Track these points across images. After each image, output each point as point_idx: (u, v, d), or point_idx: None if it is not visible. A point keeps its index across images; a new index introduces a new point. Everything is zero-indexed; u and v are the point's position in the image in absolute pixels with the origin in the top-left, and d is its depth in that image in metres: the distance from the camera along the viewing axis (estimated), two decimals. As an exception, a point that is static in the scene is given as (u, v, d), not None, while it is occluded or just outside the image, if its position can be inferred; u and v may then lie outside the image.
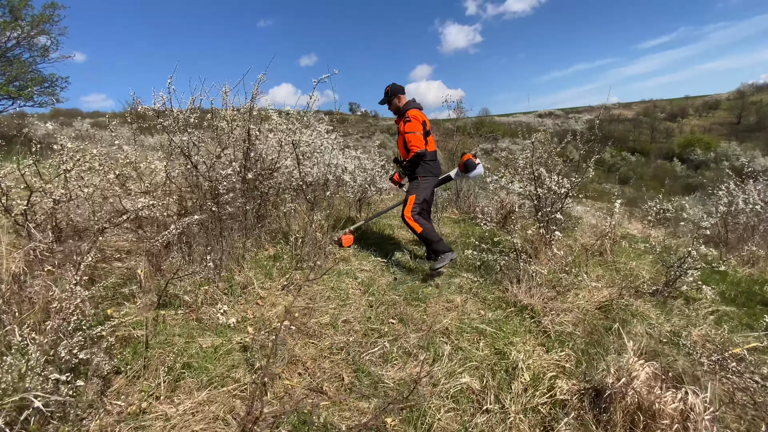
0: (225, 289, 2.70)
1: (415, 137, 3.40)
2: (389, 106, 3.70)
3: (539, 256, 3.97)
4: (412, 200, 3.55)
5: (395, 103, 3.64)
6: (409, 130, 3.40)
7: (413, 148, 3.40)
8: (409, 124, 3.41)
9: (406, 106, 3.56)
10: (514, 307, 2.86)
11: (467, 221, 5.82)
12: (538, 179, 4.04)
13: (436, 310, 2.78)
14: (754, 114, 53.14)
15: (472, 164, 3.78)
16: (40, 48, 9.34)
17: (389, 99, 3.63)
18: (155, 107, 2.77)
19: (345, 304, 2.71)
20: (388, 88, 3.65)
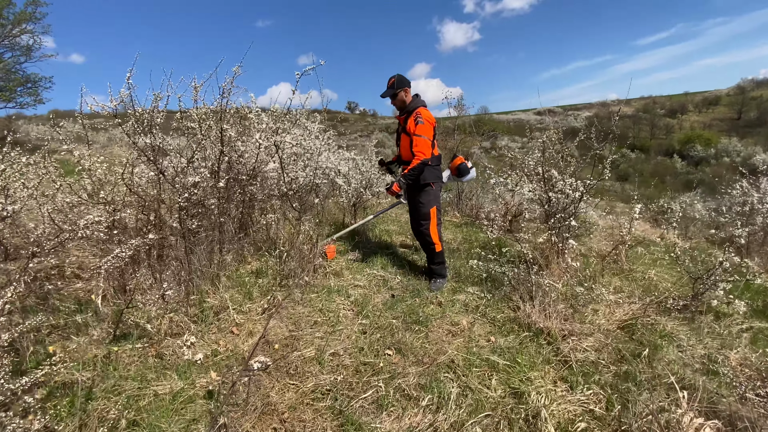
0: (195, 315, 2.33)
1: (424, 143, 3.00)
2: (393, 100, 3.19)
3: (551, 266, 3.62)
4: (435, 214, 3.18)
5: (401, 97, 3.16)
6: (420, 133, 2.98)
7: (419, 155, 2.98)
8: (421, 126, 2.98)
9: (414, 103, 3.13)
10: (528, 331, 2.50)
11: (470, 225, 5.46)
12: (549, 181, 3.68)
13: (439, 335, 2.42)
14: (755, 109, 52.86)
15: (465, 168, 3.46)
16: (23, 47, 8.96)
17: (395, 92, 3.13)
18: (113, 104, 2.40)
19: (334, 331, 2.35)
20: (394, 79, 3.14)
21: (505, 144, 45.66)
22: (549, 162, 3.62)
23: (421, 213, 3.15)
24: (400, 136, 3.26)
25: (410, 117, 3.08)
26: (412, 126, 3.01)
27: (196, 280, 2.53)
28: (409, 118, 3.08)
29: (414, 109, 3.09)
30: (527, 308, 2.73)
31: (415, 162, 2.99)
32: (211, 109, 2.94)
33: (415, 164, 2.99)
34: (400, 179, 3.04)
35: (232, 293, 2.64)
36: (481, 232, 5.18)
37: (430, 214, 3.15)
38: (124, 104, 2.58)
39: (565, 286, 3.12)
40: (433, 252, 3.20)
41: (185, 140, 3.17)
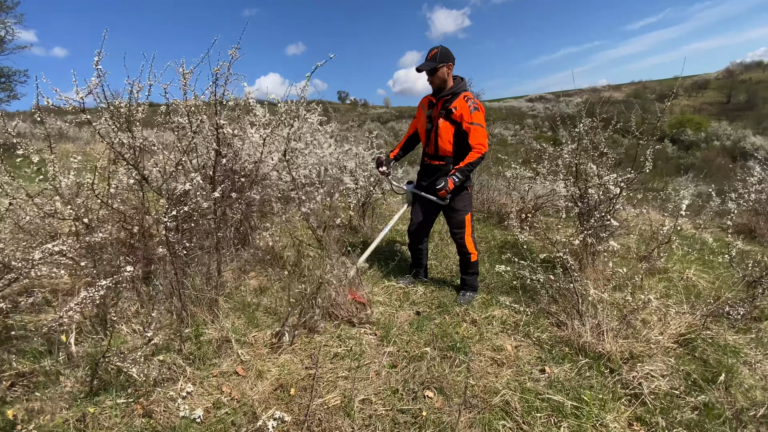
0: (191, 353, 1.93)
1: (483, 134, 2.52)
2: (430, 76, 2.56)
3: (585, 270, 3.27)
4: (470, 221, 2.77)
5: (442, 74, 2.52)
6: (478, 122, 2.48)
7: (479, 147, 2.49)
8: (478, 114, 2.48)
9: (460, 86, 2.58)
10: (583, 355, 2.15)
11: (483, 222, 5.09)
12: (583, 177, 3.31)
13: (483, 365, 2.05)
14: (743, 93, 53.18)
15: None
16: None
17: (435, 66, 2.50)
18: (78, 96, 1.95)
19: (360, 366, 1.96)
20: (437, 50, 2.51)
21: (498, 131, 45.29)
22: (585, 154, 3.25)
23: (457, 221, 2.73)
24: (436, 124, 2.61)
25: (456, 100, 2.53)
26: (466, 113, 2.48)
27: (190, 307, 2.12)
28: (456, 102, 2.53)
29: (460, 92, 2.55)
30: (576, 326, 2.38)
31: (474, 155, 2.50)
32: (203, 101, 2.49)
33: (475, 158, 2.50)
34: (454, 174, 2.50)
35: (233, 320, 2.24)
36: (497, 228, 4.83)
37: (466, 222, 2.74)
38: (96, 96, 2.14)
39: (605, 293, 2.77)
40: (468, 261, 2.81)
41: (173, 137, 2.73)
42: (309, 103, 5.13)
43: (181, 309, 2.07)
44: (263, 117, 4.02)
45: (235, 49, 2.36)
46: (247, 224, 3.23)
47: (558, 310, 2.63)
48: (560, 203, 3.19)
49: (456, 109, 2.51)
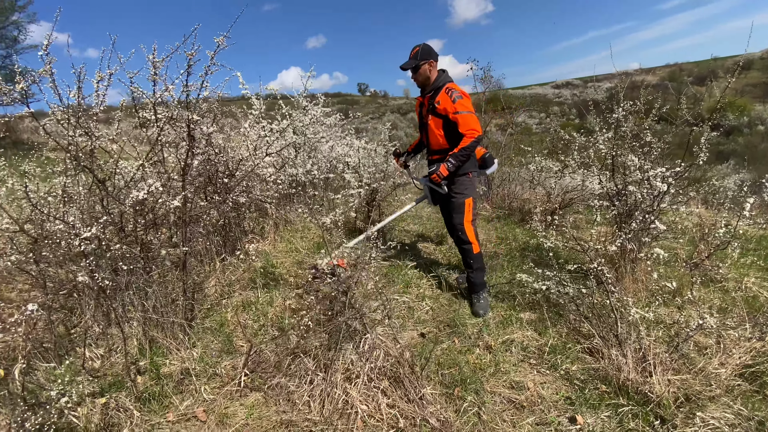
0: (145, 390, 1.63)
1: (471, 118, 2.43)
2: (414, 74, 2.59)
3: (623, 280, 2.80)
4: (470, 205, 2.60)
5: (425, 71, 2.55)
6: (463, 109, 2.42)
7: (471, 133, 2.41)
8: (461, 102, 2.43)
9: (442, 79, 2.57)
10: (624, 396, 1.72)
11: (503, 219, 4.63)
12: (621, 171, 2.83)
13: (498, 409, 1.66)
14: (792, 72, 49.19)
15: (490, 159, 2.85)
16: (9, 39, 8.32)
17: (417, 63, 2.52)
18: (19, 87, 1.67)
19: (344, 409, 1.61)
20: (418, 48, 2.55)
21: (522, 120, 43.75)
22: (623, 144, 2.75)
23: (455, 204, 2.58)
24: (427, 120, 2.62)
25: (439, 94, 2.51)
26: (448, 104, 2.46)
27: (152, 332, 1.82)
28: (438, 96, 2.51)
29: (443, 84, 2.53)
30: (614, 355, 1.94)
31: (467, 140, 2.41)
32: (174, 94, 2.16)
33: (469, 142, 2.41)
34: (448, 159, 2.45)
35: (205, 346, 1.93)
36: (519, 227, 4.36)
37: (465, 206, 2.57)
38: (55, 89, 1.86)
39: (650, 311, 2.30)
40: (469, 254, 2.58)
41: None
42: (313, 96, 4.80)
43: (140, 335, 1.78)
44: (259, 110, 3.70)
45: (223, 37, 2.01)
46: (237, 229, 2.92)
47: (591, 332, 2.19)
48: (594, 202, 2.72)
49: (439, 103, 2.50)
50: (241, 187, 2.59)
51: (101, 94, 1.90)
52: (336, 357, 1.76)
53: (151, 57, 1.89)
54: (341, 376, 1.70)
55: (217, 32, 1.97)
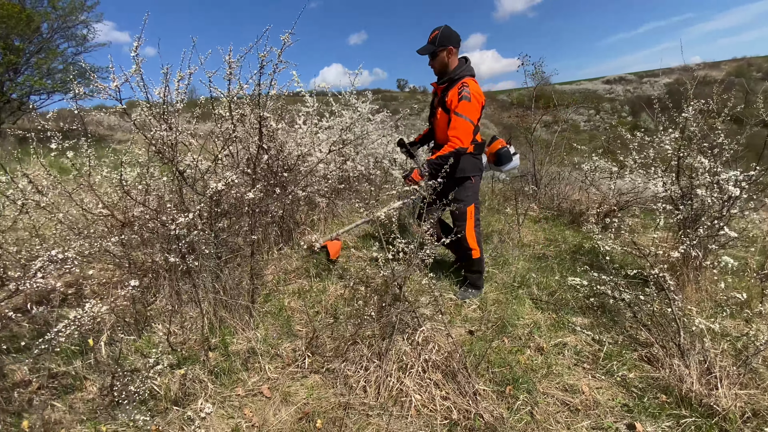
0: (216, 366, 1.77)
1: (464, 126, 2.28)
2: (431, 60, 2.40)
3: (685, 289, 2.66)
4: (472, 212, 2.52)
5: (442, 59, 2.36)
6: (462, 113, 2.27)
7: (454, 141, 2.29)
8: (466, 104, 2.26)
9: (461, 70, 2.37)
10: (686, 408, 1.66)
11: (552, 220, 4.51)
12: (688, 173, 2.68)
13: (551, 410, 1.65)
14: None
15: (506, 155, 2.63)
16: (78, 37, 9.13)
17: (435, 50, 2.34)
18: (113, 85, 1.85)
19: (398, 401, 1.68)
20: (437, 31, 2.34)
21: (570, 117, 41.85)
22: (690, 145, 2.60)
23: (457, 213, 2.49)
24: (436, 111, 2.48)
25: (453, 88, 2.33)
26: (455, 100, 2.29)
27: (221, 313, 1.97)
28: (452, 89, 2.33)
29: (459, 78, 2.34)
30: (675, 365, 1.87)
31: (447, 149, 2.30)
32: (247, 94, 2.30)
33: (447, 151, 2.29)
34: (423, 165, 2.35)
35: (266, 328, 2.07)
36: (568, 229, 4.24)
37: (467, 214, 2.50)
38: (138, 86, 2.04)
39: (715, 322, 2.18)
40: (469, 258, 2.57)
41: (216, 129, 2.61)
42: (361, 93, 4.89)
43: (211, 315, 1.93)
44: (312, 107, 3.84)
45: (288, 34, 2.12)
46: (291, 221, 3.07)
47: (650, 340, 2.12)
48: (657, 205, 2.60)
49: (448, 96, 2.33)
50: (301, 182, 2.70)
51: (181, 92, 2.07)
52: (390, 347, 1.82)
53: (227, 58, 2.03)
54: (395, 366, 1.76)
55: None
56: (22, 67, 8.59)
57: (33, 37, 8.31)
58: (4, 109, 8.64)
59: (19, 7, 7.88)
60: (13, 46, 8.14)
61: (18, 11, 7.65)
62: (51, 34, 8.78)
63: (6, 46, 7.86)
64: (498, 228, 3.94)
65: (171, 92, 2.02)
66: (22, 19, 7.67)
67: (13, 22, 7.52)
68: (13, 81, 8.48)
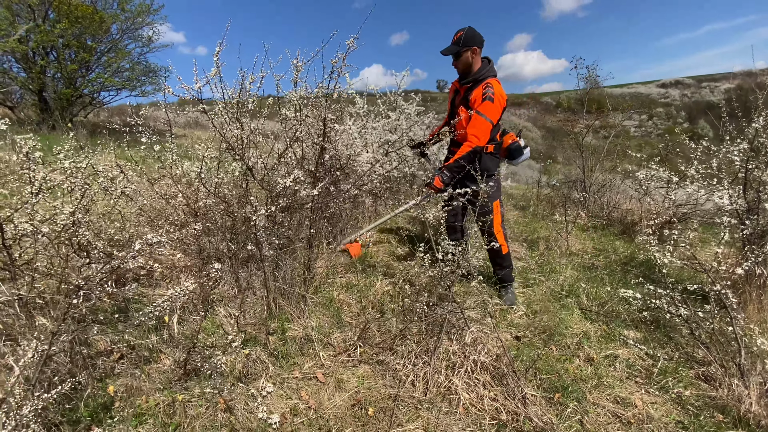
0: (275, 349, 1.90)
1: (483, 125, 2.33)
2: (455, 60, 2.44)
3: (747, 308, 2.52)
4: (498, 207, 2.58)
5: (466, 59, 2.40)
6: (484, 112, 2.32)
7: (472, 139, 2.35)
8: (489, 105, 2.31)
9: (485, 71, 2.41)
10: (743, 427, 1.60)
11: (601, 230, 4.36)
12: (755, 187, 2.53)
13: (601, 421, 1.64)
14: None
15: (518, 149, 2.62)
16: (144, 38, 9.85)
17: (459, 50, 2.37)
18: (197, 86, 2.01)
19: (446, 398, 1.72)
20: (462, 32, 2.37)
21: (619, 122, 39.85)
22: (759, 158, 2.46)
23: (486, 208, 2.48)
24: (458, 109, 2.49)
25: (477, 87, 2.38)
26: (479, 99, 2.34)
27: (279, 300, 2.10)
28: (476, 89, 2.38)
29: (484, 78, 2.38)
30: (735, 385, 1.79)
31: (465, 148, 2.36)
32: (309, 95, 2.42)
33: (465, 151, 2.36)
34: (443, 172, 2.40)
35: (319, 318, 2.18)
36: (619, 239, 4.09)
37: (494, 209, 2.54)
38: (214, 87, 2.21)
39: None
40: (498, 254, 2.59)
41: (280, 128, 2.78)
42: (408, 93, 4.95)
43: (270, 302, 2.07)
44: (362, 108, 3.94)
45: (353, 39, 2.22)
46: (341, 218, 3.18)
47: (708, 359, 2.03)
48: (720, 219, 2.48)
49: (472, 96, 2.38)
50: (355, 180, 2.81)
51: (253, 94, 2.22)
52: (438, 344, 1.87)
53: (295, 62, 2.16)
54: (443, 363, 1.81)
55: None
56: (94, 65, 9.39)
57: (104, 37, 9.07)
58: (76, 103, 9.48)
59: (92, 8, 8.62)
60: (86, 45, 8.91)
61: (91, 12, 8.37)
62: (120, 35, 9.53)
63: (80, 44, 8.65)
64: (545, 235, 3.88)
65: (244, 93, 2.17)
66: (95, 20, 8.40)
67: (87, 22, 8.25)
68: (85, 77, 9.29)
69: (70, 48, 8.96)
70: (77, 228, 1.53)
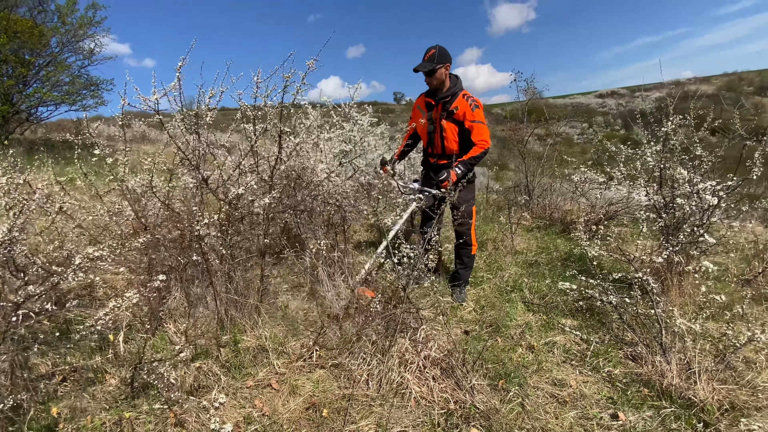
0: (227, 360, 1.89)
1: (485, 130, 2.60)
2: (429, 77, 2.54)
3: (669, 293, 2.81)
4: (475, 212, 2.88)
5: (440, 75, 2.53)
6: (479, 119, 2.56)
7: (482, 144, 2.57)
8: (479, 111, 2.56)
9: (458, 85, 2.61)
10: (667, 400, 1.79)
11: (544, 229, 4.67)
12: (670, 184, 2.85)
13: (540, 402, 1.78)
14: None
15: None
16: (85, 51, 9.35)
17: (434, 67, 2.49)
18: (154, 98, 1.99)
19: (398, 393, 1.80)
20: (434, 50, 2.49)
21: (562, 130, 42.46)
22: (672, 157, 2.78)
23: (466, 212, 2.72)
24: (440, 125, 2.65)
25: (456, 100, 2.58)
26: (467, 111, 2.55)
27: (231, 312, 2.09)
28: (456, 101, 2.58)
29: (458, 92, 2.59)
30: (658, 362, 2.00)
31: (478, 150, 2.57)
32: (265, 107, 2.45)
33: (479, 152, 2.57)
34: (456, 166, 2.53)
35: (273, 328, 2.18)
36: (560, 238, 4.39)
37: (473, 212, 2.81)
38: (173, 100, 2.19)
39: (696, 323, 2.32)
40: (468, 253, 2.83)
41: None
42: (361, 105, 5.08)
43: (222, 314, 2.05)
44: (315, 120, 4.00)
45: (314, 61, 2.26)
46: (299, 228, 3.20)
47: (634, 340, 2.25)
48: (640, 214, 2.77)
49: (457, 108, 2.56)
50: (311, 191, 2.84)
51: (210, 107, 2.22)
52: (392, 344, 1.94)
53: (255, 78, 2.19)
54: (397, 361, 1.89)
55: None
56: (32, 80, 8.79)
57: (43, 51, 8.53)
58: (13, 119, 8.79)
59: (32, 22, 8.11)
60: (23, 60, 8.35)
61: (30, 26, 7.88)
62: (60, 48, 9.01)
63: (18, 59, 8.08)
64: (492, 236, 4.09)
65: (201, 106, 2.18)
66: (35, 34, 7.90)
67: (26, 36, 7.75)
68: (22, 93, 8.66)
69: (7, 63, 8.36)
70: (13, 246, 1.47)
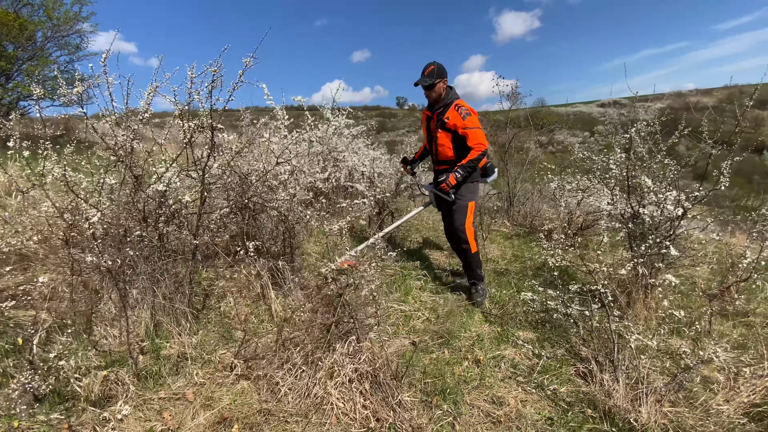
0: (144, 369, 1.78)
1: (480, 134, 2.69)
2: (428, 91, 2.74)
3: (635, 306, 2.69)
4: (472, 208, 2.83)
5: (439, 89, 2.72)
6: (471, 126, 2.66)
7: (478, 147, 2.66)
8: (470, 119, 2.66)
9: (451, 96, 2.76)
10: (608, 423, 1.67)
11: (522, 237, 4.55)
12: (638, 193, 2.74)
13: (473, 421, 1.66)
14: None
15: (491, 168, 3.00)
16: (71, 46, 9.30)
17: (433, 82, 2.68)
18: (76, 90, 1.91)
19: (321, 405, 1.68)
20: (433, 66, 2.69)
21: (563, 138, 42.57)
22: (637, 166, 2.67)
23: (459, 206, 2.78)
24: (436, 134, 2.82)
25: (448, 110, 2.71)
26: (458, 121, 2.66)
27: (158, 317, 1.98)
28: (447, 112, 2.71)
29: (451, 101, 2.72)
30: (606, 381, 1.88)
31: (475, 153, 2.65)
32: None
33: (476, 155, 2.65)
34: (456, 170, 2.66)
35: (205, 334, 2.07)
36: (537, 246, 4.27)
37: (468, 208, 2.78)
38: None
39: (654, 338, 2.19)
40: (467, 253, 2.80)
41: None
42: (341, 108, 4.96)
43: (147, 319, 1.94)
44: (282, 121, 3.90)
45: (251, 58, 2.18)
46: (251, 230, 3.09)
47: (587, 353, 2.14)
48: (603, 222, 2.66)
49: (449, 119, 2.68)
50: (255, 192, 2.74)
51: (148, 102, 2.13)
52: (324, 356, 1.83)
53: (190, 73, 2.10)
54: (325, 374, 1.77)
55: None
56: (14, 74, 8.73)
57: (27, 44, 8.48)
58: (-6, 112, 8.74)
59: (13, 15, 8.06)
60: (5, 53, 8.29)
61: (12, 19, 7.83)
62: (44, 42, 8.95)
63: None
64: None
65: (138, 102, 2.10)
66: (15, 27, 7.85)
67: (6, 29, 7.70)
68: (4, 86, 8.60)
69: (-13, 56, 8.32)
70: None
